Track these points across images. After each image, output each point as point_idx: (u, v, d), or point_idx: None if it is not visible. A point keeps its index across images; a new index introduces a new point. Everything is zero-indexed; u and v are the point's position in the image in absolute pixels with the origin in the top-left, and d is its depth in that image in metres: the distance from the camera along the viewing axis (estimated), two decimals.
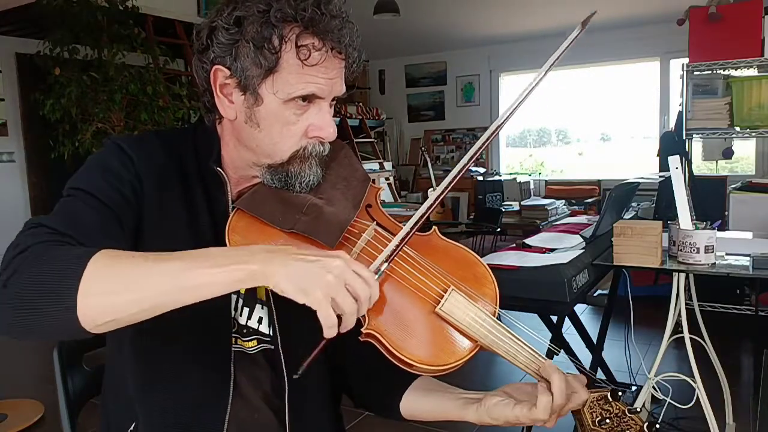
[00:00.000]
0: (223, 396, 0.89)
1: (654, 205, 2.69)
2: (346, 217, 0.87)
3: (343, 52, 0.84)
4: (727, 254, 1.81)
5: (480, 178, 6.94)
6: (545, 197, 6.63)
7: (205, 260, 0.68)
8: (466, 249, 0.90)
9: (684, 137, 3.28)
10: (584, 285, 1.70)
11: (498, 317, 0.83)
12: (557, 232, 2.13)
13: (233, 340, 0.91)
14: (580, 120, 8.37)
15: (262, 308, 0.93)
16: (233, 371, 0.89)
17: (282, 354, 0.92)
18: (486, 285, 0.86)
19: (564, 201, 6.14)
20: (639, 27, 6.44)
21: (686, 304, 1.88)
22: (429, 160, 6.45)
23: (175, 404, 0.89)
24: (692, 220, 1.73)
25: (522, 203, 5.95)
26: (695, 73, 3.28)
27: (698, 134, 3.28)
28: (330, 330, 0.69)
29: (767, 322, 3.30)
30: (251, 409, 0.92)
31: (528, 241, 2.00)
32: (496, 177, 7.04)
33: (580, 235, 1.99)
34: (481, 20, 6.74)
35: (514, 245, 2.00)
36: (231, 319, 0.90)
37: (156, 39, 4.64)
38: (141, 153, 0.86)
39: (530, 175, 7.47)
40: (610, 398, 0.82)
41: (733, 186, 3.15)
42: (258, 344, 0.93)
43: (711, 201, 3.51)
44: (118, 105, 4.00)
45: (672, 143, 3.56)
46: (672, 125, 4.24)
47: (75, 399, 1.05)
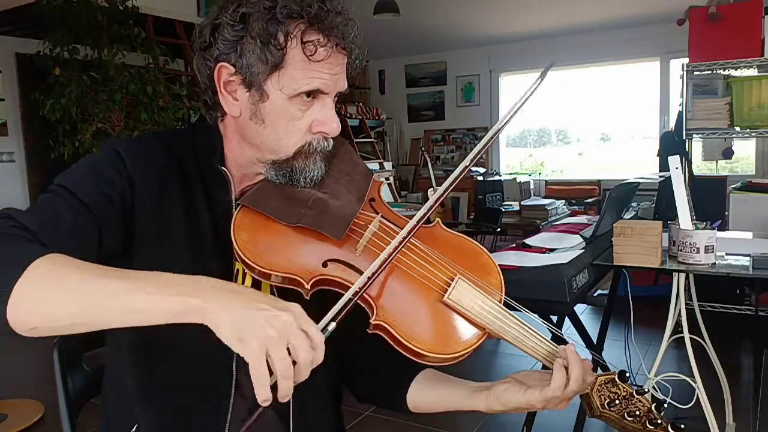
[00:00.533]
0: (225, 396, 0.88)
1: (654, 205, 2.69)
2: (352, 211, 0.88)
3: (347, 48, 0.85)
4: (727, 254, 1.81)
5: (480, 178, 6.93)
6: (545, 197, 6.63)
7: (150, 285, 0.66)
8: (470, 239, 0.92)
9: (684, 137, 3.28)
10: (584, 285, 1.70)
11: (504, 304, 0.84)
12: (557, 232, 2.13)
13: None
14: (580, 120, 8.37)
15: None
16: (235, 370, 0.89)
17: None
18: (491, 273, 0.87)
19: (564, 201, 6.14)
20: (639, 27, 6.44)
21: (686, 304, 1.88)
22: (429, 160, 6.44)
23: (176, 405, 0.89)
24: (692, 220, 1.73)
25: (522, 203, 5.94)
26: (695, 73, 3.27)
27: (698, 134, 3.28)
28: (262, 390, 0.63)
29: (767, 322, 3.29)
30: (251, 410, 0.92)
31: (528, 241, 2.00)
32: (496, 177, 7.03)
33: (580, 235, 1.99)
34: (481, 20, 6.74)
35: (514, 245, 2.00)
36: None
37: (156, 39, 4.64)
38: (137, 156, 0.86)
39: (530, 175, 7.47)
40: (618, 380, 0.84)
41: (733, 186, 3.15)
42: None
43: (711, 201, 3.51)
44: (118, 105, 4.00)
45: (672, 143, 3.56)
46: (672, 125, 4.24)
47: (75, 399, 1.05)
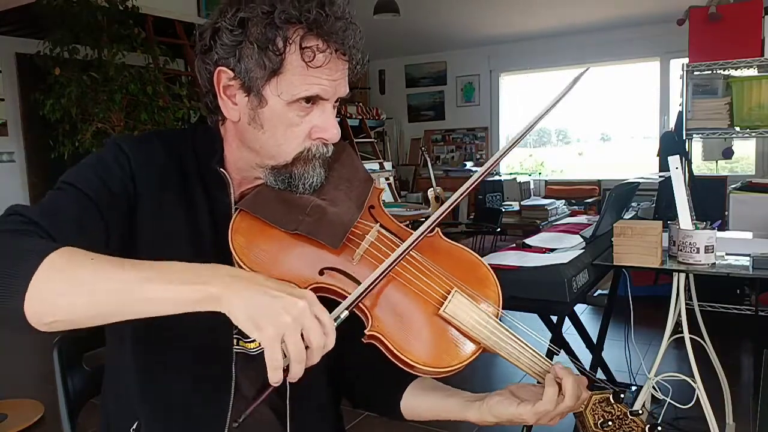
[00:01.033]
0: (225, 398, 0.88)
1: (654, 205, 2.69)
2: (350, 219, 0.87)
3: (347, 54, 0.84)
4: (727, 254, 1.81)
5: None
6: (545, 197, 6.64)
7: (165, 274, 0.66)
8: (469, 251, 0.90)
9: (684, 137, 3.27)
10: (584, 285, 1.70)
11: (500, 319, 0.84)
12: (557, 232, 2.13)
13: (236, 341, 0.90)
14: (580, 120, 8.37)
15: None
16: (234, 372, 0.89)
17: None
18: (489, 287, 0.86)
19: (564, 201, 6.14)
20: (639, 27, 6.44)
21: (686, 304, 1.88)
22: (429, 160, 6.44)
23: (176, 405, 0.89)
24: (692, 220, 1.73)
25: (522, 203, 5.95)
26: (695, 73, 3.27)
27: (698, 134, 3.28)
28: (274, 373, 0.66)
29: (767, 322, 3.29)
30: (253, 410, 0.92)
31: (528, 241, 2.00)
32: (496, 177, 7.04)
33: (580, 235, 1.99)
34: (481, 20, 6.74)
35: (514, 245, 2.00)
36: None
37: (156, 39, 4.64)
38: (140, 153, 0.86)
39: (530, 175, 7.47)
40: (612, 400, 0.83)
41: (733, 186, 3.15)
42: (260, 345, 0.93)
43: (711, 201, 3.51)
44: (118, 105, 4.00)
45: (672, 143, 3.56)
46: (672, 125, 4.24)
47: (75, 399, 1.05)
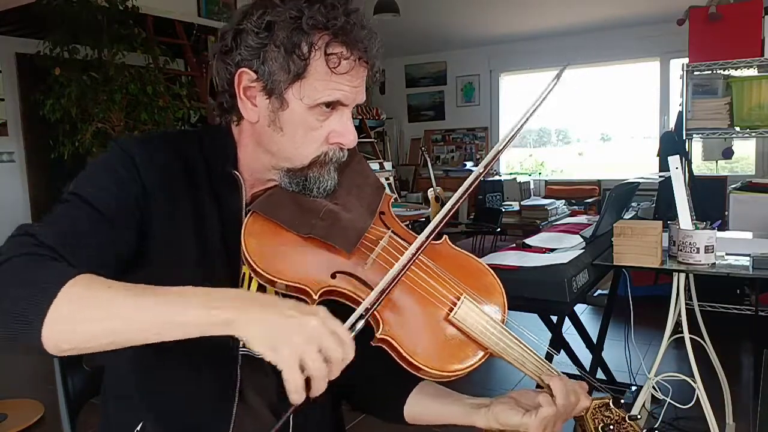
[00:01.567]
0: (228, 401, 0.88)
1: (654, 205, 2.69)
2: (363, 225, 0.87)
3: (370, 62, 0.86)
4: (727, 254, 1.81)
5: (480, 178, 6.91)
6: (545, 197, 6.63)
7: (179, 300, 0.68)
8: (476, 259, 0.92)
9: (684, 137, 3.28)
10: (584, 285, 1.71)
11: (504, 324, 0.85)
12: (557, 232, 2.13)
13: (240, 343, 0.89)
14: (580, 120, 8.37)
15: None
16: (238, 376, 0.88)
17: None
18: (495, 294, 0.88)
19: (564, 201, 6.13)
20: (639, 27, 6.44)
21: (686, 304, 1.88)
22: (429, 160, 6.44)
23: (178, 409, 0.88)
24: (692, 220, 1.73)
25: (522, 203, 5.94)
26: (695, 73, 3.28)
27: (698, 134, 3.28)
28: (296, 395, 0.66)
29: (767, 322, 3.29)
30: (255, 414, 0.91)
31: (528, 241, 2.00)
32: (496, 177, 7.03)
33: (580, 235, 1.99)
34: (481, 20, 6.74)
35: (514, 245, 2.00)
36: None
37: (156, 39, 4.63)
38: (149, 161, 0.85)
39: (530, 175, 7.46)
40: (612, 405, 0.85)
41: (733, 186, 3.15)
42: None
43: (711, 201, 3.51)
44: (118, 105, 4.00)
45: (672, 143, 3.56)
46: (672, 125, 4.24)
47: (75, 399, 1.05)
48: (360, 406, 1.05)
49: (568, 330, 2.73)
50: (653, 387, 1.91)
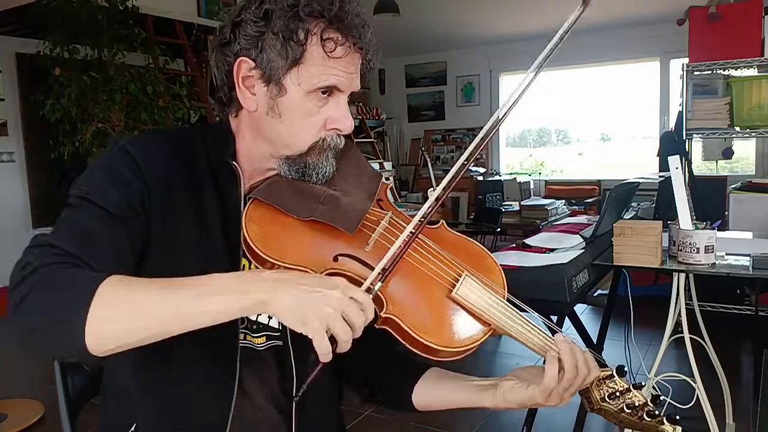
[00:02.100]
0: (228, 394, 0.88)
1: (654, 205, 2.69)
2: (364, 206, 0.90)
3: (364, 48, 0.89)
4: (727, 254, 1.81)
5: (480, 178, 6.92)
6: (545, 197, 6.62)
7: (211, 288, 0.71)
8: (474, 242, 0.95)
9: (684, 137, 3.28)
10: (584, 285, 1.70)
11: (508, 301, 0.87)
12: (557, 232, 2.13)
13: (242, 336, 0.91)
14: (580, 120, 8.37)
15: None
16: (239, 368, 0.89)
17: (291, 349, 0.92)
18: (495, 274, 0.91)
19: (564, 201, 6.12)
20: (639, 27, 6.44)
21: (686, 304, 1.88)
22: (429, 160, 6.44)
23: (178, 401, 0.89)
24: (692, 220, 1.73)
25: (522, 203, 5.93)
26: (695, 73, 3.28)
27: (698, 134, 3.28)
28: (326, 357, 0.72)
29: (767, 322, 3.29)
30: (255, 408, 0.92)
31: (528, 241, 2.00)
32: (496, 177, 7.03)
33: (580, 235, 1.99)
34: (481, 20, 6.74)
35: (514, 245, 2.00)
36: None
37: (156, 39, 4.62)
38: (150, 159, 0.86)
39: (530, 175, 7.46)
40: (616, 375, 0.87)
41: (733, 186, 3.15)
42: (267, 340, 0.94)
43: (711, 201, 3.51)
44: (118, 105, 4.00)
45: (672, 143, 3.57)
46: (672, 125, 4.24)
47: (75, 399, 1.06)
48: (371, 397, 1.07)
49: (568, 330, 2.72)
50: (653, 387, 1.91)
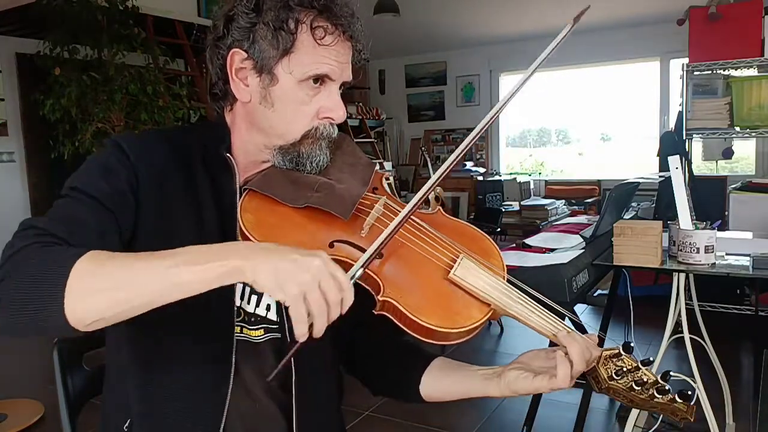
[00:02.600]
0: (223, 386, 0.89)
1: (654, 205, 2.69)
2: (357, 192, 0.91)
3: (353, 38, 0.91)
4: (727, 254, 1.81)
5: (480, 178, 6.92)
6: (545, 197, 6.62)
7: (189, 257, 0.70)
8: (471, 225, 0.95)
9: (684, 137, 3.27)
10: (584, 285, 1.70)
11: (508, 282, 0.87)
12: (557, 232, 2.13)
13: (239, 329, 0.91)
14: (580, 120, 8.37)
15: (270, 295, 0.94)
16: (234, 360, 0.89)
17: (288, 341, 0.92)
18: (493, 256, 0.91)
19: (564, 201, 6.12)
20: (639, 27, 6.43)
21: (686, 304, 1.88)
22: (429, 160, 6.43)
23: (174, 393, 0.89)
24: (692, 220, 1.73)
25: (522, 203, 5.93)
26: (695, 73, 3.27)
27: (698, 134, 3.28)
28: (300, 326, 0.70)
29: (767, 322, 3.29)
30: (253, 401, 0.93)
31: (528, 241, 2.00)
32: (496, 177, 7.03)
33: (580, 235, 1.99)
34: (481, 20, 6.74)
35: (514, 245, 2.00)
36: (233, 307, 0.91)
37: (156, 39, 4.62)
38: (140, 149, 0.88)
39: (530, 175, 7.45)
40: (623, 352, 0.85)
41: (733, 186, 3.14)
42: (265, 333, 0.94)
43: (711, 201, 3.50)
44: (118, 105, 4.00)
45: (672, 143, 3.56)
46: (672, 125, 4.24)
47: (75, 399, 1.06)
48: (378, 389, 1.07)
49: None
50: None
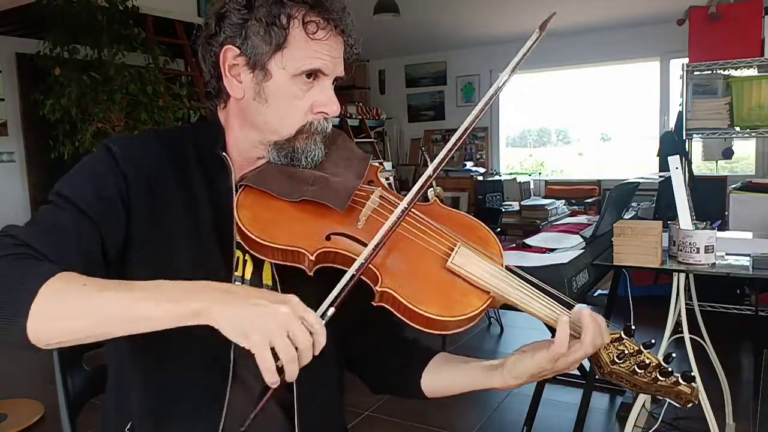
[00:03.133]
0: (222, 385, 0.88)
1: (654, 205, 2.69)
2: (353, 184, 0.91)
3: (346, 32, 0.91)
4: (727, 254, 1.81)
5: (480, 178, 6.92)
6: (545, 197, 6.62)
7: (153, 293, 0.70)
8: (467, 215, 0.95)
9: (684, 137, 3.27)
10: (584, 285, 1.70)
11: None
12: (557, 232, 2.13)
13: None
14: (580, 120, 8.36)
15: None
16: (233, 359, 0.89)
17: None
18: (491, 244, 0.91)
19: (564, 201, 6.12)
20: (639, 27, 6.43)
21: (686, 304, 1.88)
22: (429, 160, 6.43)
23: (174, 394, 0.89)
24: (692, 220, 1.73)
25: (522, 203, 5.93)
26: (695, 73, 3.27)
27: (698, 134, 3.28)
28: (268, 375, 0.68)
29: (767, 322, 3.29)
30: (249, 395, 0.92)
31: (528, 241, 2.00)
32: (496, 177, 7.02)
33: (580, 235, 1.99)
34: (481, 20, 6.74)
35: (514, 245, 2.00)
36: None
37: (156, 39, 4.62)
38: (130, 150, 0.88)
39: (530, 175, 7.45)
40: (624, 336, 0.85)
41: (733, 186, 3.14)
42: None
43: (711, 201, 3.50)
44: (118, 105, 4.00)
45: (672, 143, 3.57)
46: (672, 125, 4.24)
47: (75, 399, 1.06)
48: (380, 387, 1.07)
49: None
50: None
